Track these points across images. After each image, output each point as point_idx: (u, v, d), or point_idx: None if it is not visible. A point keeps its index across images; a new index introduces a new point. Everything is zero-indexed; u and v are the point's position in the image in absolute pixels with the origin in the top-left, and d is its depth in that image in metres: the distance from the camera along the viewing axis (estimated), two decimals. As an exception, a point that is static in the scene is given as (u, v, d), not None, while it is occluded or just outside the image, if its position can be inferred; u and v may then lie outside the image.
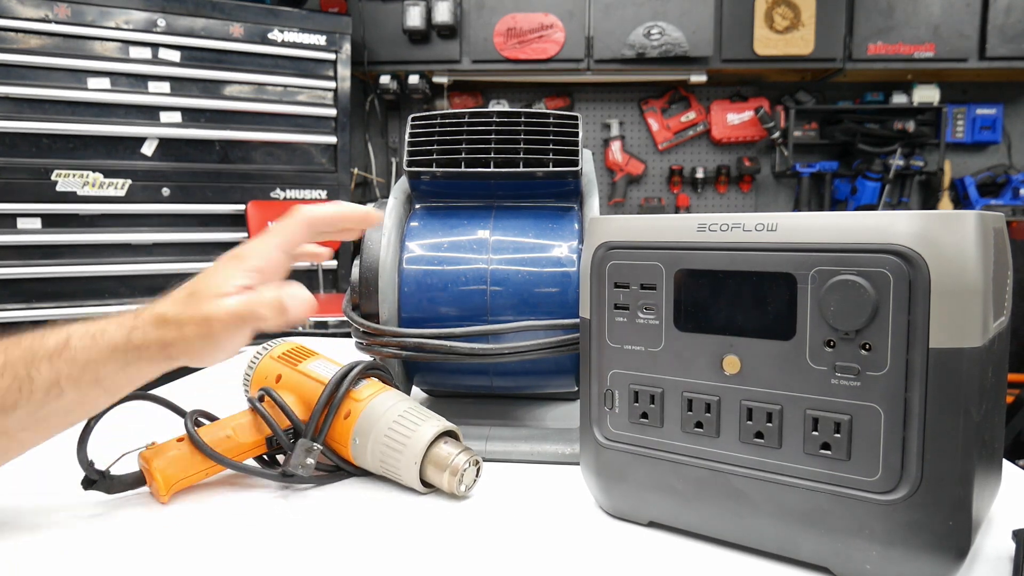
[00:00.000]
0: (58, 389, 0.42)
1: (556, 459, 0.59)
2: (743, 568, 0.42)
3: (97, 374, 0.43)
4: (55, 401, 0.43)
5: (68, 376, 0.42)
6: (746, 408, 0.41)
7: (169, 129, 2.19)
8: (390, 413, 0.53)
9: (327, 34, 2.37)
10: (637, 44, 2.69)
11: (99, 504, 0.51)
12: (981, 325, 0.35)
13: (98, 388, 0.44)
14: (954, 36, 2.69)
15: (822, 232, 0.38)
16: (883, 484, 0.37)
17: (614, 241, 0.45)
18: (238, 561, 0.43)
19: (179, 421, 0.54)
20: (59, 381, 0.42)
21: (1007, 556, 0.42)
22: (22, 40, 2.00)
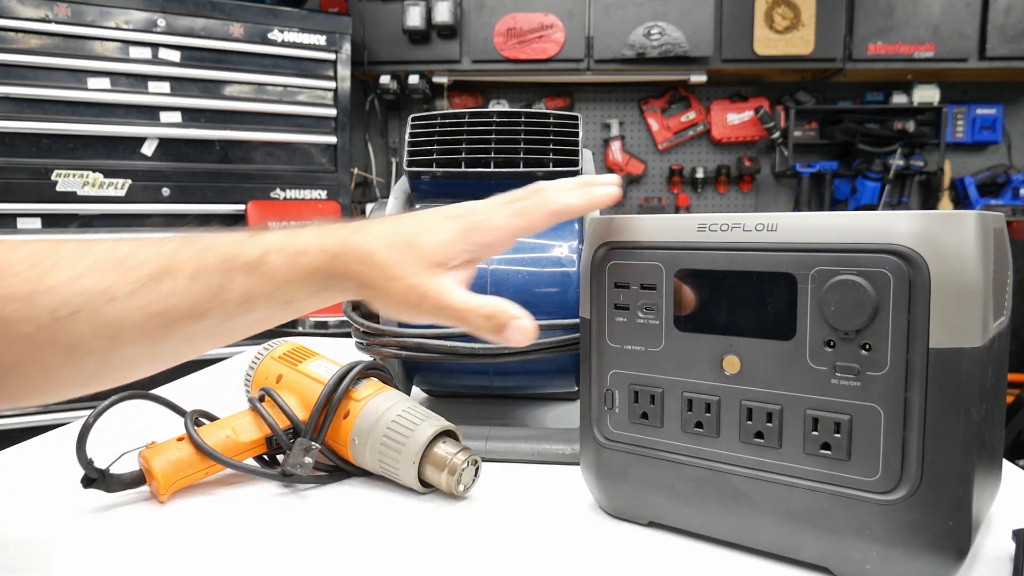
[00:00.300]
0: (250, 304, 0.40)
1: (556, 459, 0.59)
2: (743, 568, 0.42)
3: (291, 296, 0.41)
4: (244, 315, 0.41)
5: (263, 293, 0.40)
6: (746, 408, 0.41)
7: (169, 129, 2.19)
8: (389, 413, 0.53)
9: (327, 34, 2.37)
10: (637, 44, 2.68)
11: (98, 503, 0.51)
12: (981, 325, 0.35)
13: (288, 309, 0.42)
14: (954, 36, 2.69)
15: (822, 232, 0.38)
16: (883, 484, 0.37)
17: (614, 241, 0.45)
18: (237, 560, 0.43)
19: (179, 421, 0.54)
20: (253, 296, 0.40)
21: (1007, 556, 0.42)
22: (22, 40, 2.00)
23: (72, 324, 0.37)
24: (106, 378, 0.41)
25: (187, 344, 0.41)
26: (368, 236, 0.42)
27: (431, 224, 0.42)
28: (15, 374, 0.38)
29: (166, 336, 0.39)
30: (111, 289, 0.38)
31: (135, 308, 0.38)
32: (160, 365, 0.42)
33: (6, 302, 0.36)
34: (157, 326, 0.39)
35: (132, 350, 0.39)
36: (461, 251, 0.42)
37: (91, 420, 0.50)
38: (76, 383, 0.40)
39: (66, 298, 0.37)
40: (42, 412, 2.04)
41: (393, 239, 0.42)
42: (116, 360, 0.39)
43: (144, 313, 0.38)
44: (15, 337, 0.36)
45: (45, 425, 0.74)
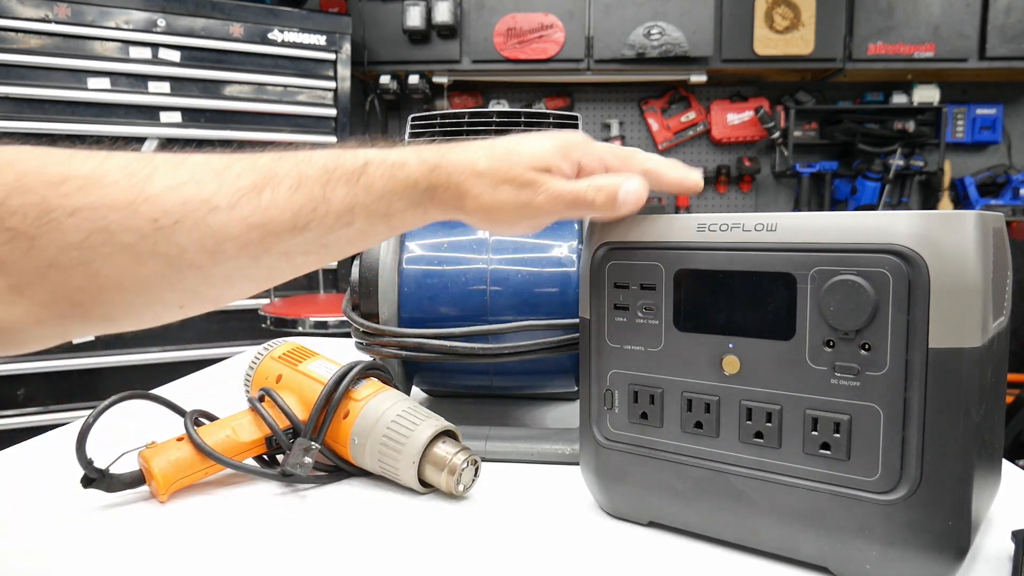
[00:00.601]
0: (350, 216, 0.39)
1: (556, 459, 0.59)
2: (743, 568, 0.42)
3: (390, 207, 0.40)
4: (343, 228, 0.40)
5: (363, 204, 0.39)
6: (746, 408, 0.41)
7: (169, 129, 2.19)
8: (389, 413, 0.53)
9: (327, 34, 2.37)
10: (637, 44, 2.68)
11: (98, 503, 0.51)
12: (981, 325, 0.35)
13: (385, 223, 0.41)
14: (954, 36, 2.69)
15: (822, 232, 0.38)
16: (882, 484, 0.37)
17: (614, 241, 0.45)
18: (236, 560, 0.43)
19: (179, 421, 0.54)
20: (353, 208, 0.39)
21: (1006, 556, 0.42)
22: (22, 40, 2.00)
23: (174, 234, 0.36)
24: (203, 296, 0.39)
25: (285, 260, 0.40)
26: (467, 149, 0.42)
27: (528, 137, 0.43)
28: (114, 290, 0.36)
29: (266, 249, 0.38)
30: (213, 198, 0.37)
31: (237, 219, 0.37)
32: (255, 285, 0.41)
33: (106, 211, 0.35)
34: (257, 238, 0.38)
35: (232, 264, 0.38)
36: (561, 160, 0.42)
37: (91, 420, 0.50)
38: (173, 301, 0.38)
39: (168, 207, 0.36)
40: (42, 412, 2.05)
41: (493, 149, 0.41)
42: (216, 275, 0.38)
43: (246, 224, 0.37)
44: (117, 248, 0.35)
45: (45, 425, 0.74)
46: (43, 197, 0.34)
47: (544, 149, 0.42)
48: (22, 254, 0.34)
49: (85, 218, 0.34)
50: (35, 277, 0.34)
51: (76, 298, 0.36)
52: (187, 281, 0.38)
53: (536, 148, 0.41)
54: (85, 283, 0.35)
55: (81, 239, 0.34)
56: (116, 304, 0.37)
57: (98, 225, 0.35)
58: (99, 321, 0.38)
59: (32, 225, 0.34)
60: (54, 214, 0.34)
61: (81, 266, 0.35)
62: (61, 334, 0.37)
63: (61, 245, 0.34)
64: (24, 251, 0.34)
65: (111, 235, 0.35)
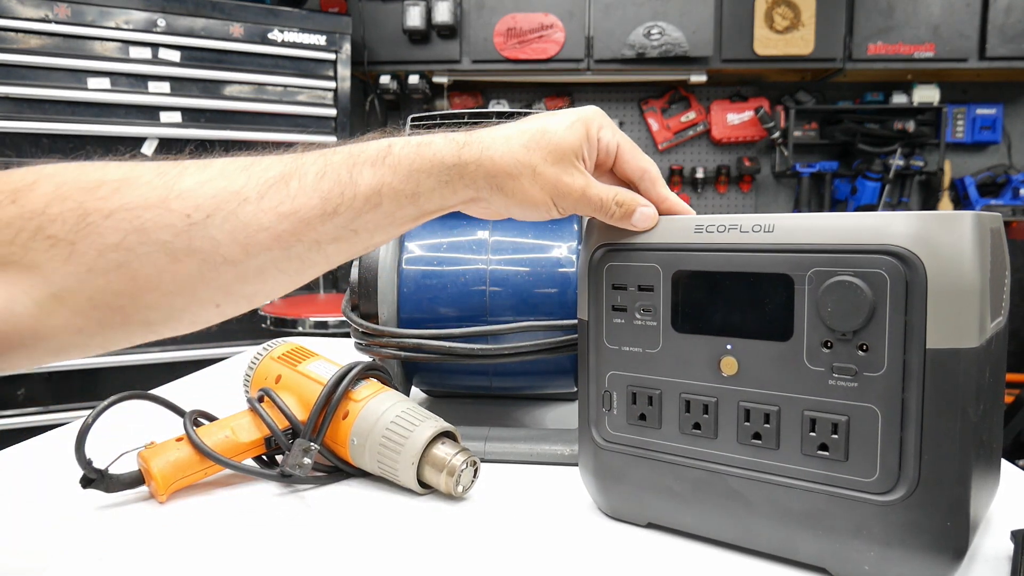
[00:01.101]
0: (378, 197, 0.40)
1: (555, 460, 0.59)
2: (742, 569, 0.42)
3: (418, 186, 0.40)
4: (372, 211, 0.40)
5: (390, 185, 0.40)
6: (744, 409, 0.41)
7: (169, 129, 2.19)
8: (388, 414, 0.53)
9: (327, 34, 2.37)
10: (637, 44, 2.68)
11: (98, 503, 0.51)
12: (978, 325, 0.35)
13: (412, 203, 0.41)
14: (954, 36, 2.69)
15: (819, 233, 0.38)
16: (881, 485, 0.37)
17: (612, 242, 0.45)
18: (235, 561, 0.43)
19: (178, 421, 0.54)
20: (380, 189, 0.40)
21: (1005, 556, 0.42)
22: (22, 40, 2.00)
23: (207, 228, 0.37)
24: (238, 293, 0.40)
25: (316, 249, 0.40)
26: (495, 130, 0.42)
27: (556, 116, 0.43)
28: (152, 291, 0.37)
29: (298, 238, 0.39)
30: (242, 191, 0.38)
31: (267, 208, 0.38)
32: (287, 279, 0.41)
33: (141, 210, 0.35)
34: (289, 227, 0.38)
35: (265, 256, 0.38)
36: (590, 144, 0.43)
37: (90, 420, 0.50)
38: (209, 299, 0.39)
39: (199, 201, 0.37)
40: (42, 412, 2.05)
41: (524, 126, 0.42)
42: (250, 269, 0.39)
43: (276, 213, 0.38)
44: (153, 246, 0.36)
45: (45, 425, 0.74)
46: (80, 203, 0.35)
47: (577, 133, 0.42)
48: (63, 260, 0.34)
49: (121, 219, 0.35)
50: (75, 283, 0.35)
51: (115, 303, 0.36)
52: (222, 277, 0.38)
53: (570, 131, 0.42)
54: (123, 286, 0.36)
55: (118, 240, 0.35)
56: (154, 306, 0.37)
57: (134, 225, 0.35)
58: (138, 327, 0.38)
59: (71, 231, 0.34)
60: (91, 218, 0.35)
61: (119, 268, 0.35)
62: (102, 342, 0.38)
63: (100, 248, 0.35)
64: (64, 257, 0.34)
65: (147, 234, 0.36)
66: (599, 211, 0.44)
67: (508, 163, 0.41)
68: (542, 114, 0.44)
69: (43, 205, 0.34)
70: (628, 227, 0.44)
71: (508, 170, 0.41)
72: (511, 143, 0.41)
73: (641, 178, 0.45)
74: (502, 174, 0.41)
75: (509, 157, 0.41)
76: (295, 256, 0.40)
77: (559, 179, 0.42)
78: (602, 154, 0.44)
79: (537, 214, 0.43)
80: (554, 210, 0.43)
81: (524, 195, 0.42)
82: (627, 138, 0.46)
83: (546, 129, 0.42)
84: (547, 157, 0.41)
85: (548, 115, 0.44)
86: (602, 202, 0.43)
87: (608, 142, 0.44)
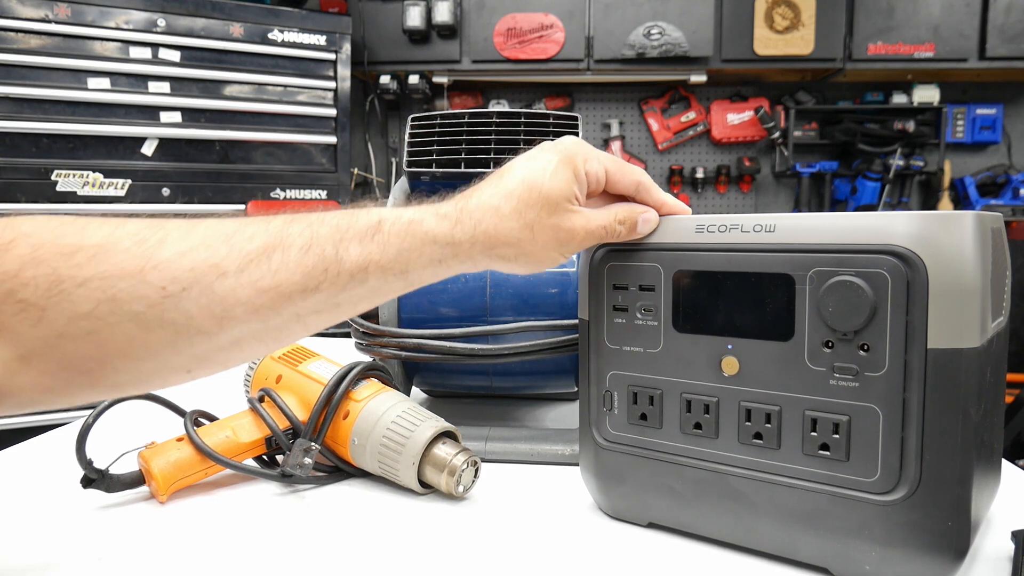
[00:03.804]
0: (364, 274, 0.39)
1: (555, 460, 0.59)
2: (742, 569, 0.42)
3: (407, 264, 0.40)
4: (357, 287, 0.39)
5: (377, 263, 0.39)
6: (745, 409, 0.41)
7: (169, 129, 2.19)
8: (389, 414, 0.53)
9: (327, 34, 2.37)
10: (637, 44, 2.68)
11: (98, 503, 0.51)
12: (979, 325, 0.35)
13: (402, 280, 0.40)
14: (954, 36, 2.69)
15: (820, 233, 0.38)
16: (882, 485, 0.37)
17: (613, 243, 0.45)
18: (236, 561, 0.43)
19: (179, 421, 0.54)
20: (367, 266, 0.39)
21: (1006, 556, 0.42)
22: (22, 40, 2.00)
23: (182, 301, 0.36)
24: (212, 360, 0.39)
25: (295, 321, 0.40)
26: (483, 194, 0.41)
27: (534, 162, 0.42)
28: (121, 358, 0.36)
29: (276, 312, 0.38)
30: (221, 264, 0.37)
31: (246, 283, 0.37)
32: (266, 347, 0.41)
33: (115, 279, 0.35)
34: (267, 302, 0.38)
35: (241, 328, 0.38)
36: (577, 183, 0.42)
37: (91, 420, 0.50)
38: (180, 366, 0.38)
39: (176, 274, 0.36)
40: (42, 412, 2.04)
41: (508, 187, 0.41)
42: (225, 340, 0.38)
43: (255, 288, 0.37)
44: (124, 317, 0.35)
45: (45, 425, 0.74)
46: (54, 268, 0.34)
47: (562, 177, 0.41)
48: (31, 325, 0.34)
49: (95, 288, 0.35)
50: (43, 347, 0.35)
51: (84, 367, 0.36)
52: (195, 348, 0.38)
53: (556, 178, 0.41)
54: (93, 352, 0.35)
55: (90, 309, 0.35)
56: (124, 371, 0.37)
57: (107, 295, 0.35)
58: (107, 388, 0.38)
59: (43, 296, 0.34)
60: (64, 285, 0.34)
61: (89, 335, 0.35)
62: (68, 400, 0.38)
63: (70, 315, 0.34)
64: (34, 322, 0.34)
65: (119, 304, 0.35)
66: (606, 237, 0.43)
67: (504, 233, 0.40)
68: (522, 163, 0.42)
69: (17, 268, 0.34)
70: (635, 238, 0.44)
71: (506, 240, 0.41)
72: (502, 211, 0.40)
73: (636, 191, 0.45)
74: (500, 245, 0.41)
75: (504, 227, 0.40)
76: (273, 328, 0.39)
77: (559, 228, 0.41)
78: (592, 185, 0.44)
79: (542, 267, 0.43)
80: (560, 259, 0.43)
81: (527, 257, 0.42)
82: (611, 157, 0.45)
83: (532, 184, 0.41)
84: (541, 213, 0.41)
85: (529, 163, 0.42)
86: (605, 229, 0.43)
87: (596, 172, 0.43)
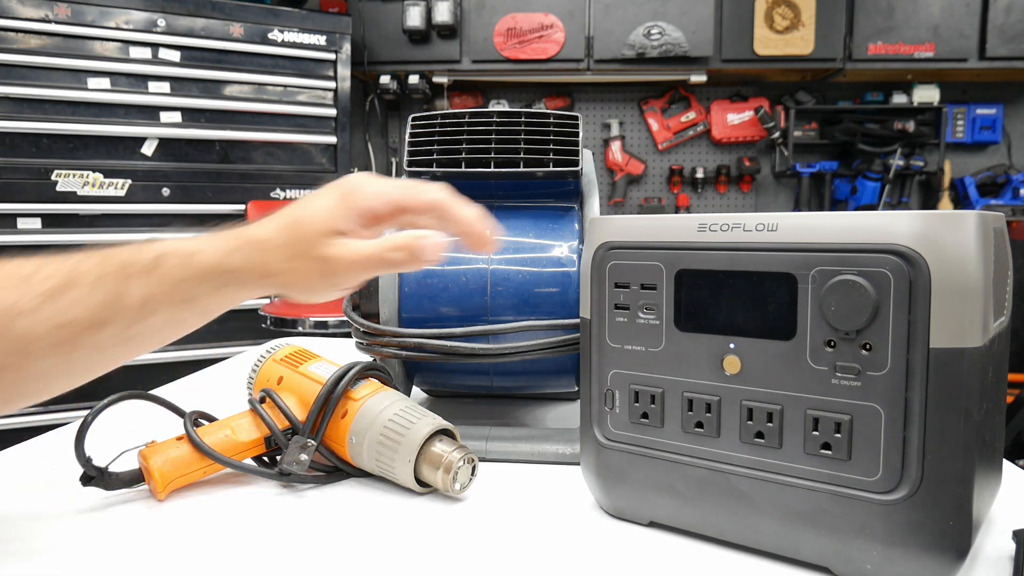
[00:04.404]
0: (150, 308, 0.41)
1: (556, 459, 0.59)
2: (743, 568, 0.42)
3: (190, 294, 0.42)
4: (147, 319, 0.42)
5: (160, 294, 0.41)
6: (746, 408, 0.41)
7: (169, 129, 2.19)
8: (386, 412, 0.53)
9: (327, 34, 2.37)
10: (637, 44, 2.68)
11: (97, 500, 0.51)
12: (981, 325, 0.35)
13: (190, 309, 0.43)
14: (954, 36, 2.69)
15: (822, 232, 0.38)
16: (883, 484, 0.37)
17: (614, 241, 0.45)
18: (234, 559, 0.43)
19: (179, 422, 0.54)
20: (150, 300, 0.41)
21: (1007, 556, 0.42)
22: (22, 40, 2.00)
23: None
24: (23, 391, 0.42)
25: (97, 353, 0.42)
26: (260, 227, 0.43)
27: (313, 199, 0.44)
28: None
29: (74, 346, 0.41)
30: (17, 304, 0.39)
31: (42, 320, 0.39)
32: (76, 378, 0.43)
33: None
34: (64, 337, 0.40)
35: (45, 362, 0.40)
36: (347, 217, 0.43)
37: (89, 418, 0.50)
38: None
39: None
40: (42, 412, 2.04)
41: (281, 222, 0.43)
42: (31, 373, 0.41)
43: (51, 324, 0.40)
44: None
45: (45, 425, 0.74)
46: None
47: (327, 210, 0.43)
48: None
49: None
50: None
51: None
52: (3, 381, 0.40)
53: (319, 212, 0.43)
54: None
55: None
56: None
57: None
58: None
59: None
60: None
61: None
62: None
63: None
64: None
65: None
66: (380, 266, 0.44)
67: (273, 264, 0.42)
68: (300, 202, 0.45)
69: None
70: (424, 264, 0.45)
71: (275, 269, 0.43)
72: (273, 243, 0.43)
73: (434, 211, 0.45)
74: (273, 273, 0.43)
75: (272, 259, 0.42)
76: (77, 360, 0.42)
77: (322, 260, 0.43)
78: (368, 217, 0.44)
79: (326, 296, 0.45)
80: (335, 289, 0.44)
81: (298, 287, 0.44)
82: (402, 184, 0.45)
83: (298, 219, 0.43)
84: (305, 246, 0.42)
85: (305, 201, 0.44)
86: (373, 259, 0.43)
87: (371, 205, 0.44)
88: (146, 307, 0.41)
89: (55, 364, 0.41)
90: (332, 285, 0.44)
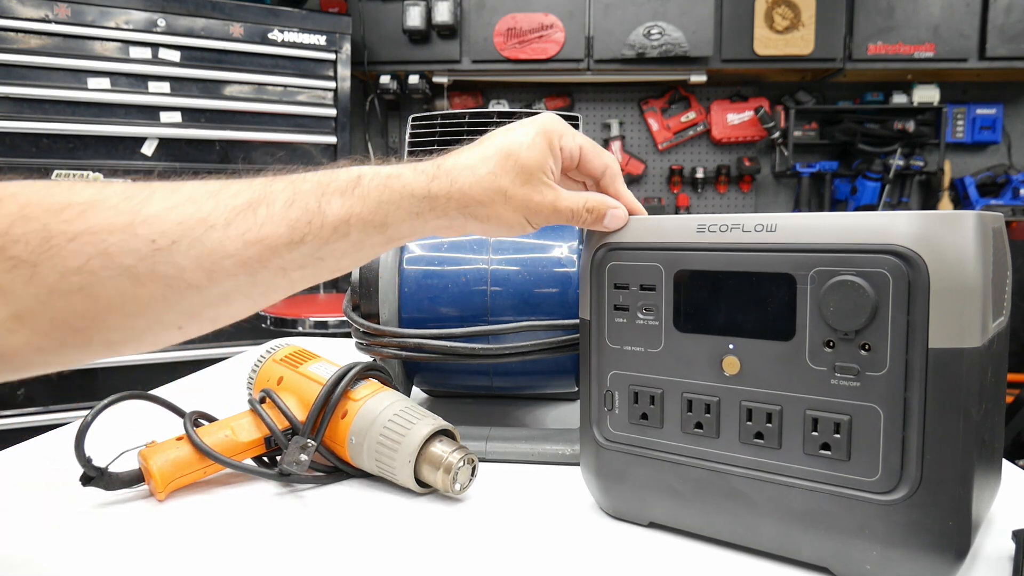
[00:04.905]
0: (346, 227, 0.40)
1: (556, 459, 0.59)
2: (743, 568, 0.42)
3: (386, 217, 0.41)
4: (339, 240, 0.41)
5: (358, 215, 0.40)
6: (746, 409, 0.41)
7: (169, 129, 2.19)
8: (386, 412, 0.53)
9: (327, 34, 2.37)
10: (637, 44, 2.68)
11: (97, 500, 0.51)
12: (980, 325, 0.35)
13: (382, 233, 0.42)
14: (954, 36, 2.69)
15: (821, 232, 0.38)
16: (883, 484, 0.37)
17: (614, 242, 0.45)
18: (233, 559, 0.43)
19: (179, 422, 0.54)
20: (349, 219, 0.40)
21: (1007, 556, 0.42)
22: (22, 40, 2.00)
23: (172, 255, 0.36)
24: (202, 316, 0.40)
25: (282, 275, 0.40)
26: (461, 158, 0.43)
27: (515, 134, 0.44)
28: (113, 313, 0.36)
29: (263, 265, 0.39)
30: (209, 217, 0.37)
31: (234, 236, 0.38)
32: (252, 303, 0.41)
33: (106, 233, 0.35)
34: (255, 254, 0.38)
35: (230, 282, 0.38)
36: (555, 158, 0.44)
37: (89, 419, 0.50)
38: (171, 322, 0.39)
39: (165, 227, 0.36)
40: (42, 412, 2.04)
41: (486, 152, 0.43)
42: (214, 294, 0.39)
43: (242, 240, 0.38)
44: (116, 271, 0.35)
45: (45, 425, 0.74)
46: (44, 224, 0.34)
47: (540, 149, 0.43)
48: (24, 282, 0.34)
49: (85, 242, 0.35)
50: (36, 304, 0.35)
51: (77, 324, 0.36)
52: (186, 301, 0.38)
53: (534, 150, 0.43)
54: (85, 308, 0.36)
55: (81, 264, 0.35)
56: (116, 328, 0.37)
57: (98, 249, 0.35)
58: (99, 347, 0.38)
59: (34, 252, 0.34)
60: (55, 240, 0.34)
61: (81, 291, 0.35)
62: (61, 361, 0.38)
63: (62, 271, 0.35)
64: (26, 279, 0.34)
65: (110, 258, 0.35)
66: (571, 220, 0.44)
67: (478, 192, 0.42)
68: (501, 132, 0.44)
69: (7, 225, 0.34)
70: (600, 229, 0.46)
71: (479, 199, 0.42)
72: (478, 172, 0.42)
73: (603, 174, 0.47)
74: (474, 203, 0.42)
75: (479, 187, 0.42)
76: (260, 282, 0.40)
77: (530, 198, 0.43)
78: (566, 161, 0.45)
79: (511, 232, 0.45)
80: (528, 227, 0.44)
81: (498, 219, 0.43)
82: (587, 138, 0.46)
83: (510, 151, 0.43)
84: (515, 180, 0.42)
85: (508, 133, 0.44)
86: (572, 212, 0.44)
87: (571, 149, 0.45)
88: (342, 227, 0.40)
89: (237, 286, 0.39)
90: (524, 226, 0.44)
